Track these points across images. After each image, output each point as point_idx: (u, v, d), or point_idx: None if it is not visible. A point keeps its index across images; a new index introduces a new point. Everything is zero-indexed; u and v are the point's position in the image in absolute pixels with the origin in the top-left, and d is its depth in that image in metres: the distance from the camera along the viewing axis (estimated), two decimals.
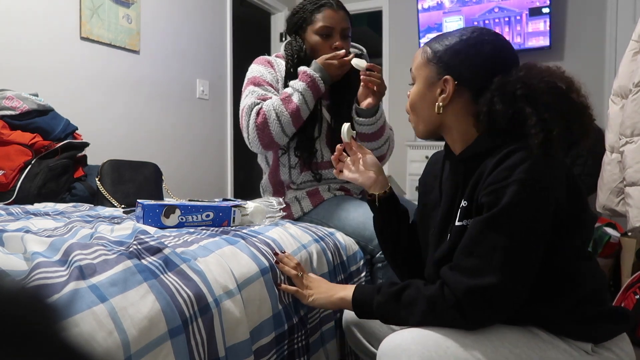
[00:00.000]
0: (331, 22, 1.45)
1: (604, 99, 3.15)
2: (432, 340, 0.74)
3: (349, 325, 1.04)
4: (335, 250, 1.18)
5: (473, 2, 3.56)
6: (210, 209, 1.13)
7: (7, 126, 1.77)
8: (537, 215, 0.74)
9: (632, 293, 1.80)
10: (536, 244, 0.74)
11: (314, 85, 1.38)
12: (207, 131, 3.27)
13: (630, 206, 1.87)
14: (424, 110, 0.89)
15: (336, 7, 1.47)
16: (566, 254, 0.79)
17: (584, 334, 0.78)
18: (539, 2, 3.32)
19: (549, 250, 0.76)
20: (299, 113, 1.37)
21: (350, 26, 1.51)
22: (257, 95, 1.42)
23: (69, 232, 0.98)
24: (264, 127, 1.37)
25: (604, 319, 0.79)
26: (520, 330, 0.78)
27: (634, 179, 1.84)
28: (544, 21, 3.33)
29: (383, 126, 1.47)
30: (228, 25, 3.43)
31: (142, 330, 0.62)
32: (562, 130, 0.76)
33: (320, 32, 1.46)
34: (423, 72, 0.89)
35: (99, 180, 1.71)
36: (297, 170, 1.48)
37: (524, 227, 0.73)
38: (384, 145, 1.51)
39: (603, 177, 2.25)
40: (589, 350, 0.78)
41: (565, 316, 0.78)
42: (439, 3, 3.68)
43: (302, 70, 1.41)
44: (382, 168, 1.08)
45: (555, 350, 0.76)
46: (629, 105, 1.88)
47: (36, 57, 2.15)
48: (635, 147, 1.84)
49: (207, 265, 0.81)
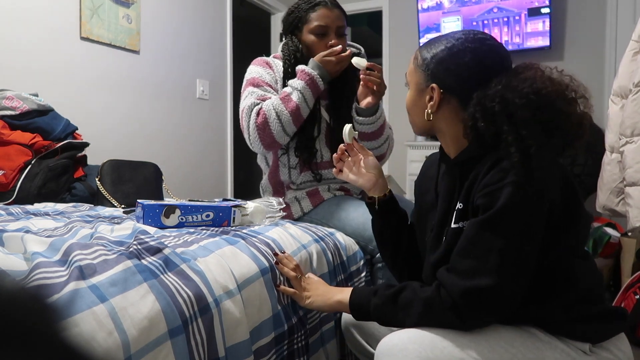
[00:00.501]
0: (326, 21, 1.45)
1: (604, 99, 3.15)
2: (428, 340, 0.74)
3: (348, 326, 1.04)
4: (335, 250, 1.18)
5: (472, 2, 3.56)
6: (210, 209, 1.13)
7: (7, 126, 1.77)
8: (531, 216, 0.74)
9: (632, 293, 1.80)
10: (531, 245, 0.75)
11: (313, 83, 1.38)
12: (207, 131, 3.27)
13: (630, 206, 1.87)
14: (417, 116, 0.91)
15: (331, 6, 1.47)
16: (561, 253, 0.79)
17: (581, 333, 0.78)
18: (537, 3, 3.32)
19: (543, 250, 0.77)
20: (299, 111, 1.37)
21: (346, 25, 1.51)
22: (256, 96, 1.42)
23: (69, 232, 0.98)
24: (265, 127, 1.37)
25: (602, 318, 0.79)
26: (517, 330, 0.78)
27: (634, 179, 1.84)
28: (542, 21, 3.32)
29: (383, 125, 1.47)
30: (228, 25, 3.43)
31: (142, 331, 0.62)
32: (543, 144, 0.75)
33: (315, 31, 1.46)
34: (414, 78, 0.90)
35: (99, 180, 1.71)
36: (297, 171, 1.48)
37: (519, 228, 0.74)
38: (383, 145, 1.52)
39: (603, 177, 2.25)
40: (587, 350, 0.78)
41: (561, 316, 0.78)
42: (439, 3, 3.67)
43: (300, 68, 1.41)
44: (382, 171, 1.08)
45: (552, 350, 0.76)
46: (629, 105, 1.88)
47: (36, 57, 2.15)
48: (635, 147, 1.84)
49: (207, 266, 0.81)
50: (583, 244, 0.85)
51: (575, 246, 0.82)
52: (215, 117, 3.34)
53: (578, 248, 0.83)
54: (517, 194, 0.73)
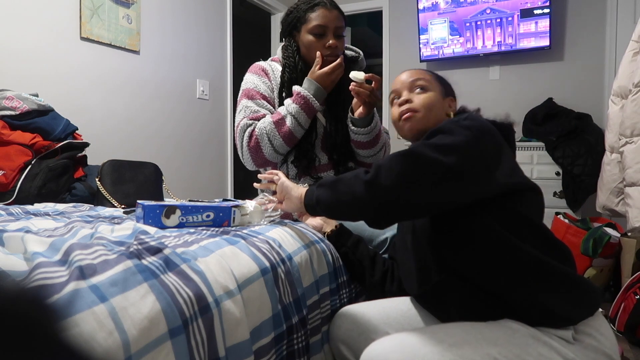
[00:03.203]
0: (325, 21, 1.45)
1: (604, 99, 3.15)
2: (409, 349, 0.75)
3: (337, 342, 1.05)
4: (335, 251, 1.18)
5: (468, 3, 3.57)
6: (211, 209, 1.13)
7: (7, 126, 1.77)
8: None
9: (632, 293, 1.80)
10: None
11: (307, 106, 1.39)
12: (207, 131, 3.27)
13: (630, 206, 1.87)
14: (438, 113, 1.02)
15: (330, 7, 1.47)
16: (510, 222, 0.83)
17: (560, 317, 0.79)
18: (530, 4, 3.36)
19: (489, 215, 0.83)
20: (292, 135, 1.40)
21: (345, 26, 1.52)
22: (250, 113, 1.45)
23: (69, 232, 0.98)
24: (257, 150, 1.43)
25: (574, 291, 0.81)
26: (499, 327, 0.79)
27: (633, 179, 1.84)
28: (535, 22, 3.36)
29: (378, 134, 1.48)
30: (228, 25, 3.43)
31: (143, 331, 0.62)
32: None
33: (313, 31, 1.46)
34: (437, 86, 1.05)
35: (99, 181, 1.71)
36: (296, 180, 1.50)
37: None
38: (379, 152, 1.53)
39: (603, 178, 2.25)
40: (570, 339, 0.78)
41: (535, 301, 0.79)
42: (434, 4, 3.69)
43: (295, 91, 1.42)
44: None
45: (536, 344, 0.76)
46: (629, 105, 1.88)
47: (36, 57, 2.15)
48: (635, 147, 1.84)
49: (207, 266, 0.81)
50: (536, 216, 0.90)
51: (526, 216, 0.86)
52: (215, 118, 3.34)
53: (529, 219, 0.86)
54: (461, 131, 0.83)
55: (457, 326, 0.81)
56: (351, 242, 1.18)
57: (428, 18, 3.71)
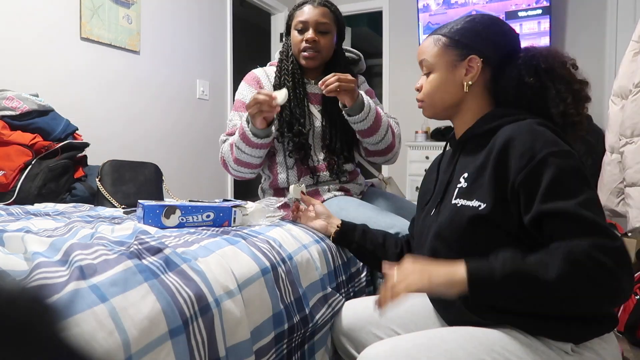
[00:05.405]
0: (306, 17, 1.47)
1: (604, 99, 3.15)
2: (403, 354, 0.74)
3: (339, 335, 1.05)
4: (336, 250, 1.18)
5: (458, 5, 3.60)
6: (211, 209, 1.13)
7: (7, 126, 1.77)
8: (578, 170, 0.76)
9: (632, 293, 1.80)
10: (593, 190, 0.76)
11: (245, 138, 1.37)
12: (207, 131, 3.27)
13: (630, 207, 1.87)
14: (448, 93, 0.93)
15: (316, 5, 1.48)
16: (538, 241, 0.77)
17: (562, 333, 0.76)
18: (514, 6, 3.43)
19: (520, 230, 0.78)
20: (241, 161, 1.44)
21: (333, 23, 1.49)
22: (229, 127, 1.52)
23: (69, 232, 0.98)
24: (225, 166, 1.52)
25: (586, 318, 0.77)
26: (496, 333, 0.78)
27: (634, 180, 1.84)
28: (520, 24, 3.43)
29: (378, 117, 1.42)
30: (228, 25, 3.43)
31: (143, 330, 0.62)
32: (571, 101, 0.86)
33: (296, 27, 1.49)
34: (443, 58, 0.93)
35: (99, 181, 1.71)
36: (295, 172, 1.50)
37: (578, 183, 0.75)
38: (386, 135, 1.47)
39: (603, 178, 2.25)
40: (569, 351, 0.76)
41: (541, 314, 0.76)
42: (425, 5, 3.77)
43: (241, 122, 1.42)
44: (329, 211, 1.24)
45: (533, 354, 0.75)
46: (629, 105, 1.88)
47: (36, 57, 2.15)
48: (635, 147, 1.84)
49: (207, 265, 0.81)
50: None
51: None
52: (215, 118, 3.34)
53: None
54: (558, 161, 0.75)
55: (453, 331, 0.80)
56: (358, 235, 1.17)
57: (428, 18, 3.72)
